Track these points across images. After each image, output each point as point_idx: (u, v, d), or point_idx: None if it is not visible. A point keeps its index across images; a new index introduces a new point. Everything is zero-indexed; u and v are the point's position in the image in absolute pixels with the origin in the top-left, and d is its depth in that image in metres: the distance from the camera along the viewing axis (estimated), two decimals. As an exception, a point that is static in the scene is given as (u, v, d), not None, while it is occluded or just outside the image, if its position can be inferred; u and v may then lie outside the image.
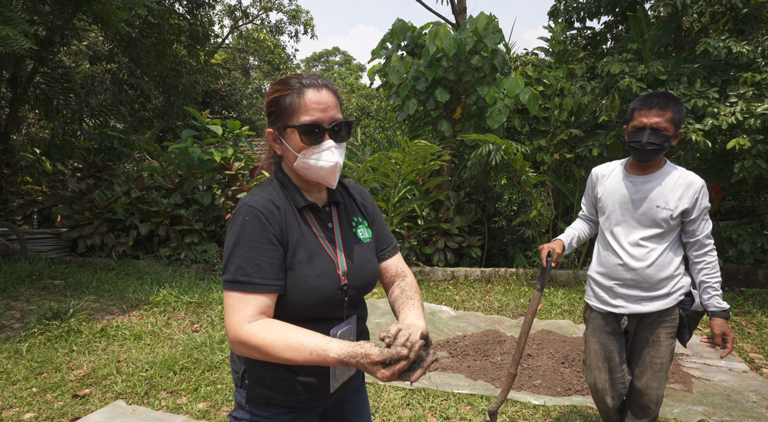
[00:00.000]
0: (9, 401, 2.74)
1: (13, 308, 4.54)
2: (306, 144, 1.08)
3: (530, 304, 2.07)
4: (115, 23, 6.39)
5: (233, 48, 19.15)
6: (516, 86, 5.64)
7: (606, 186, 2.03)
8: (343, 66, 37.96)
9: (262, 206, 1.06)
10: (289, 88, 1.09)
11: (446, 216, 6.31)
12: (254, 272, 1.01)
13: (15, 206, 7.13)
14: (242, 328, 0.97)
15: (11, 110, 8.13)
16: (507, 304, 5.00)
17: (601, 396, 2.12)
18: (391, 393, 2.87)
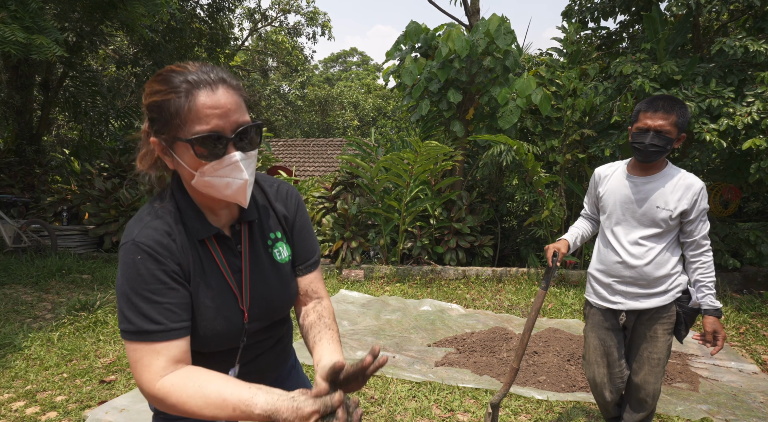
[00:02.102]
0: (43, 385, 2.95)
1: (45, 300, 4.81)
2: (205, 160, 0.85)
3: (534, 302, 2.13)
4: (140, 29, 6.66)
5: (252, 50, 19.53)
6: (528, 87, 5.68)
7: (608, 186, 2.08)
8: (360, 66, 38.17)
9: (154, 242, 0.88)
10: (172, 89, 0.84)
11: (458, 215, 6.38)
12: (162, 317, 0.85)
13: (46, 204, 7.49)
14: (155, 385, 0.82)
15: (43, 113, 8.52)
16: (517, 303, 5.05)
17: (600, 390, 2.19)
18: (398, 386, 2.98)
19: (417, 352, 3.64)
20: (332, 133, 23.54)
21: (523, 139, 6.56)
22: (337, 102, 23.86)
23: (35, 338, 3.68)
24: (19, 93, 7.89)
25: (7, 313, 4.30)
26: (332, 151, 15.96)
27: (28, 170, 8.03)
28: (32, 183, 7.96)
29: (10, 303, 4.57)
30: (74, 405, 2.71)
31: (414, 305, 4.88)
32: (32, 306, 4.56)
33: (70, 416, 2.59)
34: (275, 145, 15.98)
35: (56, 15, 7.20)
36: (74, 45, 7.84)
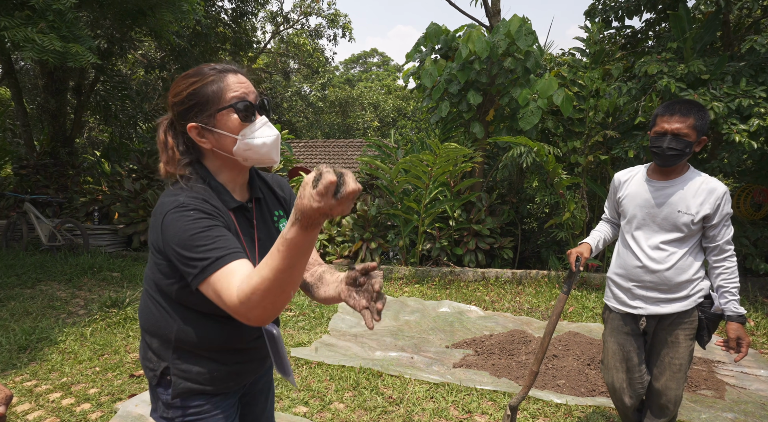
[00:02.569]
0: (77, 378, 3.09)
1: (77, 296, 5.02)
2: (242, 121, 1.05)
3: (555, 306, 2.12)
4: (167, 35, 6.87)
5: (274, 52, 19.83)
6: (549, 88, 5.64)
7: (628, 190, 2.08)
8: (381, 67, 38.28)
9: (199, 202, 1.01)
10: (207, 76, 1.06)
11: (478, 217, 6.36)
12: (223, 245, 0.95)
13: (79, 204, 7.80)
14: (236, 296, 0.87)
15: (76, 116, 8.88)
16: (537, 306, 5.02)
17: (619, 395, 2.18)
18: (416, 387, 3.02)
19: (435, 353, 3.67)
20: (352, 134, 23.69)
21: (544, 140, 6.50)
22: (357, 103, 24.00)
23: (69, 333, 3.85)
24: (54, 97, 8.24)
25: (43, 309, 4.51)
26: (352, 152, 16.08)
27: (62, 171, 8.38)
28: (66, 184, 8.30)
29: (46, 299, 4.79)
30: (106, 397, 2.84)
31: (433, 306, 4.91)
32: (66, 303, 4.77)
33: (102, 408, 2.71)
34: (296, 146, 16.19)
35: (89, 22, 7.49)
36: (105, 51, 8.14)
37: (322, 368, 3.29)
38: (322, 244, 6.69)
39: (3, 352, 3.44)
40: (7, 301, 4.65)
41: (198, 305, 1.07)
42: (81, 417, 2.60)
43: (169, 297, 1.10)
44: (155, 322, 1.13)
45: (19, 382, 3.01)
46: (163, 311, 1.12)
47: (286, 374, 1.17)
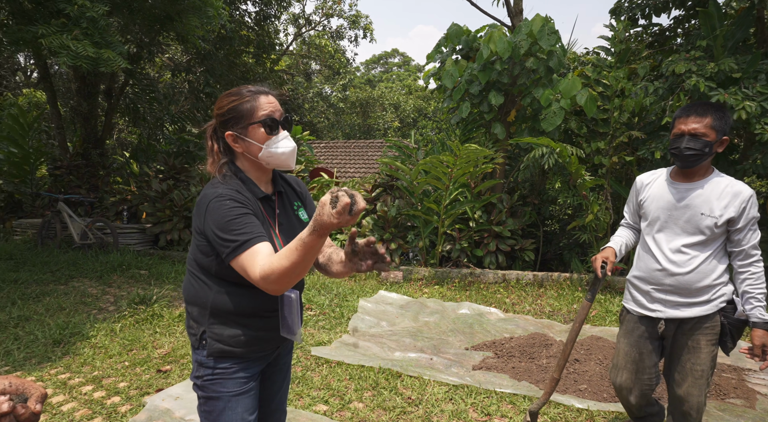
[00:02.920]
0: (107, 371, 3.22)
1: (108, 293, 5.21)
2: (268, 134, 1.31)
3: (579, 313, 2.09)
4: (193, 39, 7.05)
5: (296, 54, 20.07)
6: (572, 87, 5.55)
7: (650, 192, 2.06)
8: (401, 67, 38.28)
9: (234, 192, 1.27)
10: (243, 96, 1.33)
11: (499, 218, 6.32)
12: (251, 230, 1.19)
13: (109, 204, 8.07)
14: (259, 273, 1.12)
15: (106, 119, 9.19)
16: (559, 309, 4.95)
17: (625, 395, 2.17)
18: (435, 388, 3.03)
19: (454, 355, 3.67)
20: (373, 135, 23.77)
21: (566, 141, 6.40)
22: (378, 103, 24.07)
23: (100, 328, 4.01)
24: (86, 101, 8.55)
25: (76, 305, 4.69)
26: (373, 153, 16.13)
27: (93, 172, 8.68)
28: (97, 184, 8.60)
29: (79, 296, 4.98)
30: (135, 391, 2.94)
31: (452, 308, 4.90)
32: (97, 299, 4.95)
33: (131, 401, 2.82)
34: (317, 147, 16.34)
35: (120, 28, 7.75)
36: (134, 55, 8.40)
37: (342, 367, 3.33)
38: (341, 244, 6.75)
39: (39, 346, 3.61)
40: (43, 297, 4.86)
41: (231, 277, 1.29)
42: (111, 410, 2.71)
43: (208, 271, 1.33)
44: (195, 293, 1.36)
45: (54, 375, 3.15)
46: (201, 283, 1.35)
47: (290, 333, 1.35)
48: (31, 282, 5.40)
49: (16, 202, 9.18)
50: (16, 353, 3.46)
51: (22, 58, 15.96)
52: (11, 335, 3.79)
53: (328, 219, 0.96)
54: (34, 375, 3.14)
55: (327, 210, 0.96)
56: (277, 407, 1.56)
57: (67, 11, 4.55)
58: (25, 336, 3.78)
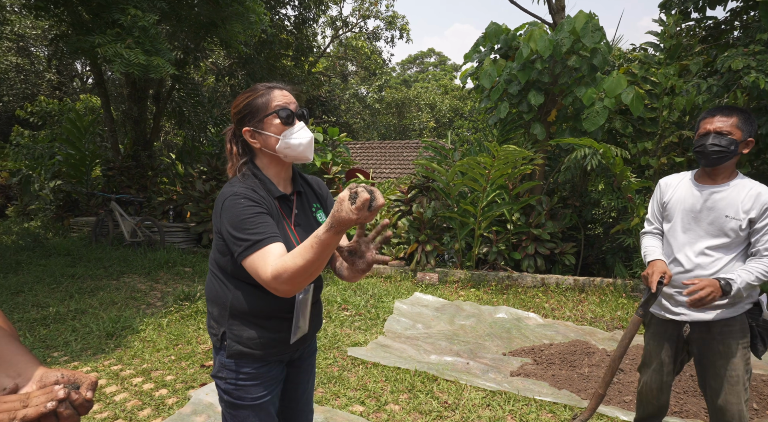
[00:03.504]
0: (155, 364, 3.38)
1: (155, 289, 5.46)
2: (283, 125, 1.31)
3: (629, 328, 2.01)
4: (236, 44, 7.29)
5: (333, 56, 20.34)
6: (618, 86, 5.34)
7: (674, 194, 2.06)
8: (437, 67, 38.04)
9: (250, 191, 1.26)
10: (258, 91, 1.34)
11: (537, 221, 6.16)
12: (264, 230, 1.18)
13: (156, 203, 8.47)
14: (270, 272, 1.10)
15: (154, 122, 9.64)
16: (601, 316, 4.78)
17: (656, 394, 2.15)
18: (472, 393, 2.99)
19: (491, 360, 3.61)
20: (408, 135, 23.74)
21: (611, 141, 6.16)
22: (413, 103, 24.02)
23: (149, 323, 4.21)
24: (136, 105, 9.01)
25: (126, 299, 4.95)
26: (408, 153, 16.12)
27: (142, 173, 9.14)
28: (145, 184, 9.04)
29: (129, 291, 5.26)
30: (181, 385, 3.07)
31: (489, 311, 4.82)
32: (146, 294, 5.20)
33: (177, 394, 2.94)
34: (353, 148, 16.49)
35: (168, 35, 8.11)
36: (181, 61, 8.77)
37: (378, 369, 3.35)
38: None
39: (94, 338, 3.83)
40: (97, 291, 5.16)
41: (248, 278, 1.27)
42: (159, 402, 2.84)
43: (226, 271, 1.33)
44: (215, 293, 1.36)
45: (108, 366, 3.34)
46: (221, 283, 1.34)
47: (293, 334, 1.35)
48: (87, 277, 5.74)
49: (73, 201, 9.79)
50: (73, 344, 3.70)
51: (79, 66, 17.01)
52: (69, 327, 4.05)
53: (346, 216, 0.94)
54: (90, 366, 3.33)
55: (346, 206, 0.94)
56: (305, 407, 1.57)
57: (121, 21, 4.82)
58: (82, 328, 4.03)
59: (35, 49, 15.96)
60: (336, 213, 0.96)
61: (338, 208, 0.95)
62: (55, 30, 8.93)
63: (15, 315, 4.29)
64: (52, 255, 6.75)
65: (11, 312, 4.37)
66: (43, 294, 4.94)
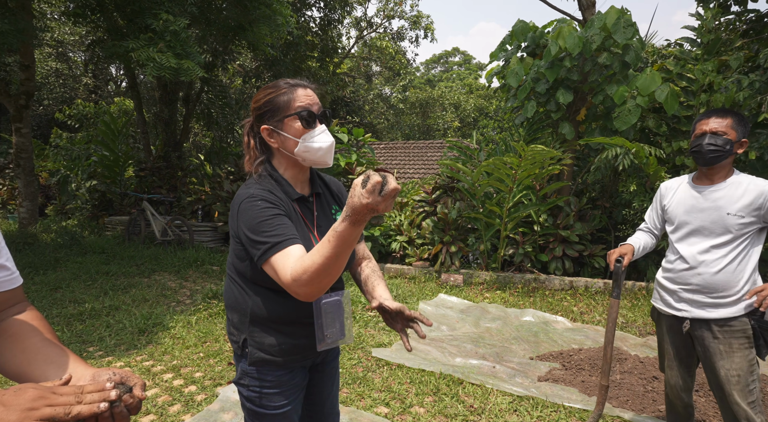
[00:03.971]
0: (185, 361, 3.46)
1: (184, 287, 5.60)
2: (304, 128, 1.25)
3: (609, 312, 2.16)
4: (263, 46, 7.40)
5: (358, 56, 20.42)
6: (651, 83, 5.15)
7: (674, 198, 2.13)
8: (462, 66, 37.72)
9: (267, 193, 1.22)
10: (280, 89, 1.28)
11: (566, 222, 6.02)
12: (282, 232, 1.14)
13: (186, 203, 8.68)
14: (290, 274, 1.06)
15: (184, 123, 9.89)
16: (633, 320, 4.63)
17: (678, 393, 2.18)
18: (498, 398, 2.94)
19: (518, 364, 3.54)
20: (432, 135, 23.62)
21: (643, 140, 5.96)
22: (437, 103, 23.88)
23: (178, 320, 4.31)
24: (167, 107, 9.27)
25: (157, 297, 5.09)
26: (432, 153, 16.03)
27: (172, 173, 9.39)
28: (175, 184, 9.29)
29: (160, 289, 5.40)
30: (209, 381, 3.13)
31: (515, 314, 4.74)
32: (175, 292, 5.34)
33: (206, 391, 3.00)
34: (377, 148, 16.51)
35: (197, 39, 8.31)
36: (209, 64, 8.97)
37: (403, 370, 3.33)
38: (402, 246, 6.77)
39: (127, 334, 3.95)
40: (129, 288, 5.33)
41: (268, 282, 1.24)
42: (189, 398, 2.90)
43: (245, 276, 1.29)
44: (235, 299, 1.32)
45: (140, 361, 3.43)
46: (240, 289, 1.31)
47: (326, 343, 1.30)
48: (120, 274, 5.94)
49: (107, 201, 10.14)
50: (108, 339, 3.82)
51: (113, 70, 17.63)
52: (104, 323, 4.19)
53: (358, 201, 0.90)
54: (123, 361, 3.44)
55: (358, 190, 0.90)
56: (330, 410, 1.54)
57: (153, 26, 4.97)
58: (115, 324, 4.16)
59: (73, 54, 16.64)
60: (350, 200, 0.92)
61: (351, 194, 0.92)
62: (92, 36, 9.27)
63: (54, 310, 4.47)
64: (87, 252, 7.01)
65: (50, 307, 4.56)
66: (80, 291, 5.13)
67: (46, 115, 15.85)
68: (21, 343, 0.88)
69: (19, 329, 0.90)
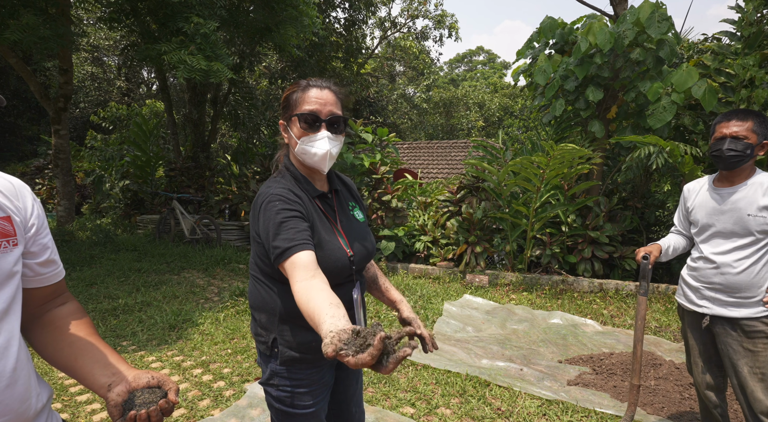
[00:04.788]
0: (213, 357, 3.52)
1: (212, 284, 5.71)
2: (304, 130, 1.26)
3: (637, 310, 2.18)
4: (289, 48, 7.48)
5: (381, 57, 20.44)
6: (688, 79, 4.96)
7: (696, 200, 2.15)
8: (486, 65, 37.31)
9: (286, 192, 1.23)
10: (299, 86, 1.30)
11: (595, 223, 5.86)
12: (293, 237, 1.14)
13: (213, 202, 8.87)
14: (293, 288, 1.07)
15: (212, 124, 10.11)
16: (667, 325, 4.46)
17: (702, 389, 2.18)
18: (526, 401, 2.88)
19: (546, 367, 3.47)
20: (456, 135, 23.43)
21: (678, 138, 5.75)
22: (461, 103, 23.68)
23: (207, 316, 4.40)
24: (196, 109, 9.49)
25: (186, 294, 5.22)
26: (456, 153, 15.90)
27: (200, 173, 9.61)
28: (203, 184, 9.50)
29: (188, 286, 5.53)
30: (237, 378, 3.18)
31: (543, 316, 4.64)
32: (204, 289, 5.45)
33: (234, 387, 3.05)
34: (400, 148, 16.49)
35: (225, 41, 8.49)
36: (237, 65, 9.15)
37: (428, 371, 3.31)
38: (426, 246, 6.73)
39: (158, 329, 4.06)
40: (160, 285, 5.47)
41: None
42: (218, 393, 2.96)
43: (270, 276, 1.29)
44: (261, 299, 1.32)
45: (170, 356, 3.52)
46: (267, 288, 1.31)
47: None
48: (151, 271, 6.11)
49: (139, 200, 10.46)
50: (140, 334, 3.93)
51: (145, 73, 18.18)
52: (136, 318, 4.31)
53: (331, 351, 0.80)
54: (154, 356, 3.53)
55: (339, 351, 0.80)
56: (356, 408, 1.54)
57: (185, 29, 5.10)
58: (147, 319, 4.28)
59: (107, 58, 17.24)
60: (332, 340, 0.82)
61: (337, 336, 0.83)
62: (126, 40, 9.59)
63: (89, 305, 4.63)
64: (120, 250, 7.25)
65: (86, 302, 4.73)
66: (113, 287, 5.30)
67: (82, 117, 16.47)
68: (67, 337, 0.95)
69: (64, 323, 0.97)
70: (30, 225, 0.90)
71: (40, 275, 0.94)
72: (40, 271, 0.93)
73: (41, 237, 0.93)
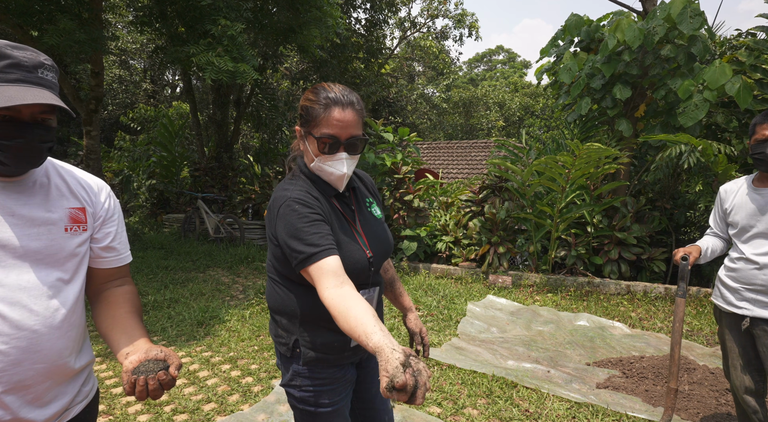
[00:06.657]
0: (241, 353, 3.58)
1: (237, 282, 5.80)
2: (323, 153, 1.24)
3: (675, 312, 2.15)
4: (311, 49, 7.55)
5: (401, 57, 20.42)
6: (721, 76, 4.81)
7: (735, 201, 2.12)
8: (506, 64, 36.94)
9: (304, 195, 1.22)
10: (319, 102, 1.24)
11: (622, 224, 5.74)
12: (318, 241, 1.13)
13: (236, 202, 9.01)
14: (325, 295, 1.07)
15: (235, 125, 10.27)
16: (699, 329, 4.34)
17: (749, 394, 2.11)
18: (554, 403, 2.84)
19: (574, 370, 3.41)
20: (476, 135, 23.25)
21: (710, 137, 5.59)
22: (481, 102, 23.48)
23: (233, 313, 4.48)
24: (219, 110, 9.65)
25: (212, 291, 5.31)
26: (476, 153, 15.79)
27: (224, 173, 9.77)
28: (227, 184, 9.66)
29: (214, 283, 5.63)
30: (264, 374, 3.23)
31: (569, 318, 4.57)
32: (229, 287, 5.55)
33: (261, 383, 3.10)
34: (420, 148, 16.45)
35: (250, 42, 8.61)
36: (260, 67, 9.27)
37: (453, 371, 3.29)
38: (447, 246, 6.70)
39: (186, 325, 4.15)
40: (187, 283, 5.59)
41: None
42: (246, 389, 3.00)
43: (289, 278, 1.29)
44: (281, 302, 1.32)
45: (199, 352, 3.59)
46: (286, 291, 1.31)
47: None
48: (178, 269, 6.24)
49: (165, 199, 10.71)
50: (169, 330, 4.02)
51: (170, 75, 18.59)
52: (165, 314, 4.41)
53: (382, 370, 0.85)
54: (184, 351, 3.61)
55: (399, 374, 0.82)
56: (381, 406, 1.52)
57: (212, 31, 5.20)
58: (176, 316, 4.38)
59: (134, 61, 17.69)
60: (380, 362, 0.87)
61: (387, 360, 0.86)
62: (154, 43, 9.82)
63: (120, 301, 4.76)
64: (148, 248, 7.42)
65: (117, 298, 4.86)
66: (143, 284, 5.44)
67: (110, 119, 16.94)
68: (112, 311, 1.11)
69: (115, 299, 1.14)
70: (98, 216, 1.11)
71: (101, 258, 1.13)
72: (101, 254, 1.13)
73: (107, 228, 1.14)
